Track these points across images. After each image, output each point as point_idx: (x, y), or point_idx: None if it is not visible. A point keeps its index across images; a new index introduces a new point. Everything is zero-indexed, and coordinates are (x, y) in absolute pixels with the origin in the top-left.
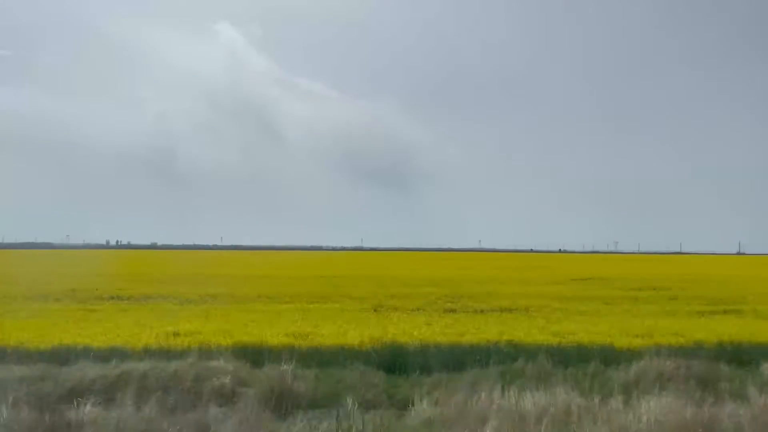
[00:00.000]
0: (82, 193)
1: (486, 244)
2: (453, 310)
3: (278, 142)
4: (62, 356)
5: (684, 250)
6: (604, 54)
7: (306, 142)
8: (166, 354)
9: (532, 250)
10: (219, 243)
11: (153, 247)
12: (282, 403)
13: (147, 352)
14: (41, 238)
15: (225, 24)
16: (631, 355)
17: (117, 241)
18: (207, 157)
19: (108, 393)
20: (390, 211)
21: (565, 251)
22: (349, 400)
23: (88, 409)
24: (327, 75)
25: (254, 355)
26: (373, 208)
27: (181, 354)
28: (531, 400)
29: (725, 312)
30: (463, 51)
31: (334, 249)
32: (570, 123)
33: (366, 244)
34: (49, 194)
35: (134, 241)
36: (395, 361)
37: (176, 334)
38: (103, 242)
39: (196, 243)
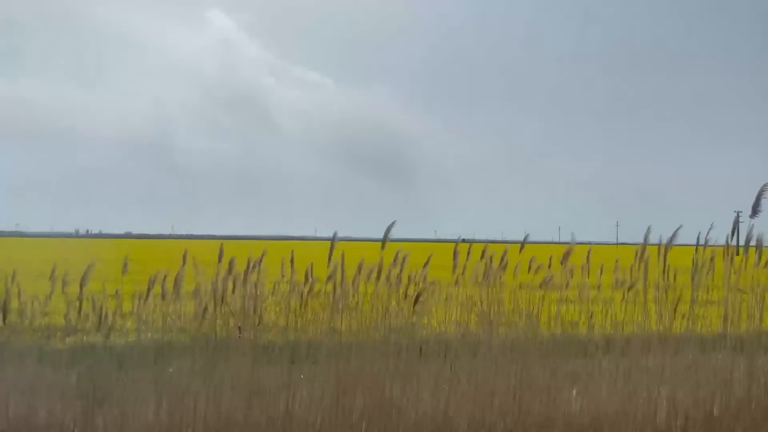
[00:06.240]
0: (56, 182)
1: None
2: None
3: (271, 130)
4: None
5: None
6: (601, 49)
7: (300, 130)
8: None
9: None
10: (196, 232)
11: (128, 236)
12: None
13: None
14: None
15: (216, 10)
16: None
17: (87, 230)
18: (199, 144)
19: None
20: (384, 201)
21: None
22: None
23: None
24: (322, 63)
25: None
26: (367, 198)
27: None
28: None
29: None
30: (461, 39)
31: (326, 239)
32: (564, 116)
33: (360, 235)
34: (27, 183)
35: (106, 230)
36: None
37: None
38: (72, 231)
39: (173, 233)
